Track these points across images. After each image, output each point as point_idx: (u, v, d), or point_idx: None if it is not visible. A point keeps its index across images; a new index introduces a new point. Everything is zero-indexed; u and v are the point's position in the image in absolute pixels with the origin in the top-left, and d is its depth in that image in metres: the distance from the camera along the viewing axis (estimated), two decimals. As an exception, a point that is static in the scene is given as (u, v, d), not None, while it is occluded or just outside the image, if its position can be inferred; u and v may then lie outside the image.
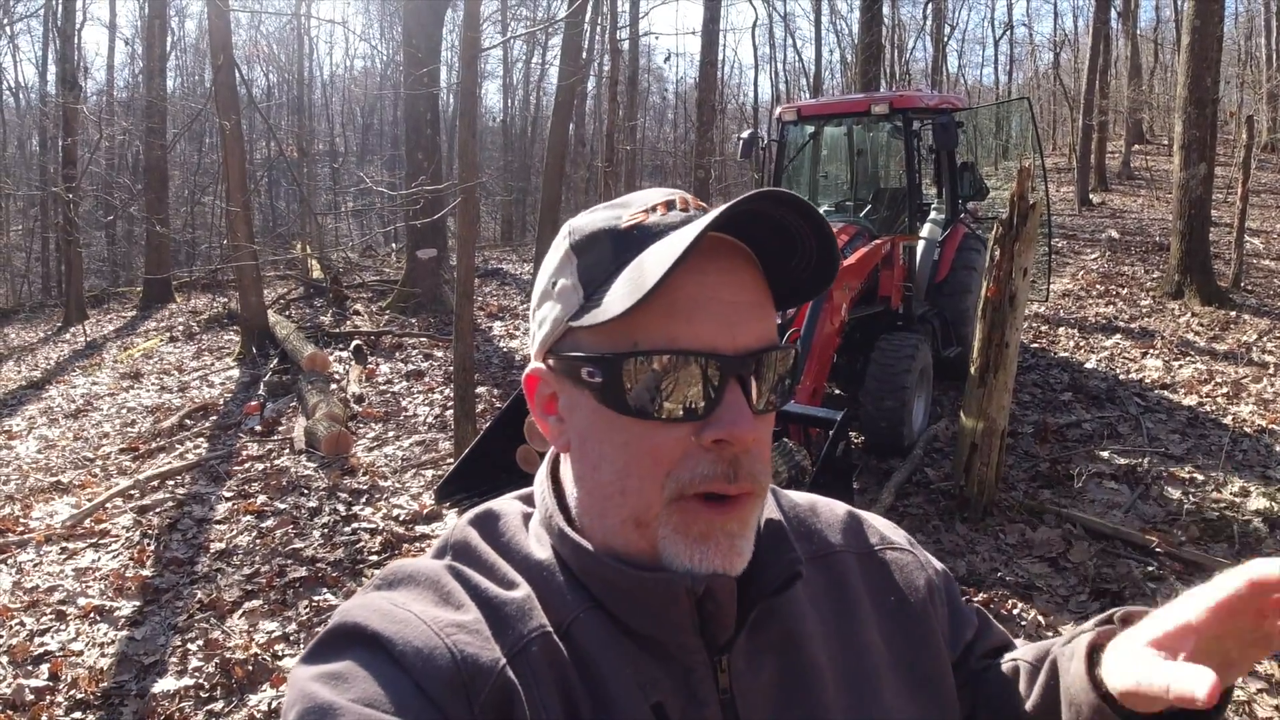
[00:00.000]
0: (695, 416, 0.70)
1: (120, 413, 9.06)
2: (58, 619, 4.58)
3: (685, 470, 0.70)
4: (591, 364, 0.71)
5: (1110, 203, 18.93)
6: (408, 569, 0.77)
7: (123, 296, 18.63)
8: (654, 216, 0.74)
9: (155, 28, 17.36)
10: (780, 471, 4.36)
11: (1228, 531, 4.82)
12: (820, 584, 0.84)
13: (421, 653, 0.67)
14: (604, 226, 0.75)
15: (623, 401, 0.70)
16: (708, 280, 0.70)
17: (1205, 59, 10.11)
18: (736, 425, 0.69)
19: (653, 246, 0.70)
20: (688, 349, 0.69)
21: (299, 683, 0.67)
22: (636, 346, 0.69)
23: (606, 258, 0.73)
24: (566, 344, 0.75)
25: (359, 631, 0.69)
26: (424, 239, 11.85)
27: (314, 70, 36.26)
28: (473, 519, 0.82)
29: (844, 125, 8.12)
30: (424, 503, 5.68)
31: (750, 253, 0.74)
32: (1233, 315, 9.56)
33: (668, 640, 0.73)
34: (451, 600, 0.73)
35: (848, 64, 29.36)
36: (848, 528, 0.91)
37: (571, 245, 0.76)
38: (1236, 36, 29.91)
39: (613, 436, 0.72)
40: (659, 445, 0.70)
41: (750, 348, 0.71)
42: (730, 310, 0.71)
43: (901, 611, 0.86)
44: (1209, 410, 6.81)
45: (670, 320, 0.69)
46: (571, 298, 0.74)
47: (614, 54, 11.90)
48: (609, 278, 0.72)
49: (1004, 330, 4.93)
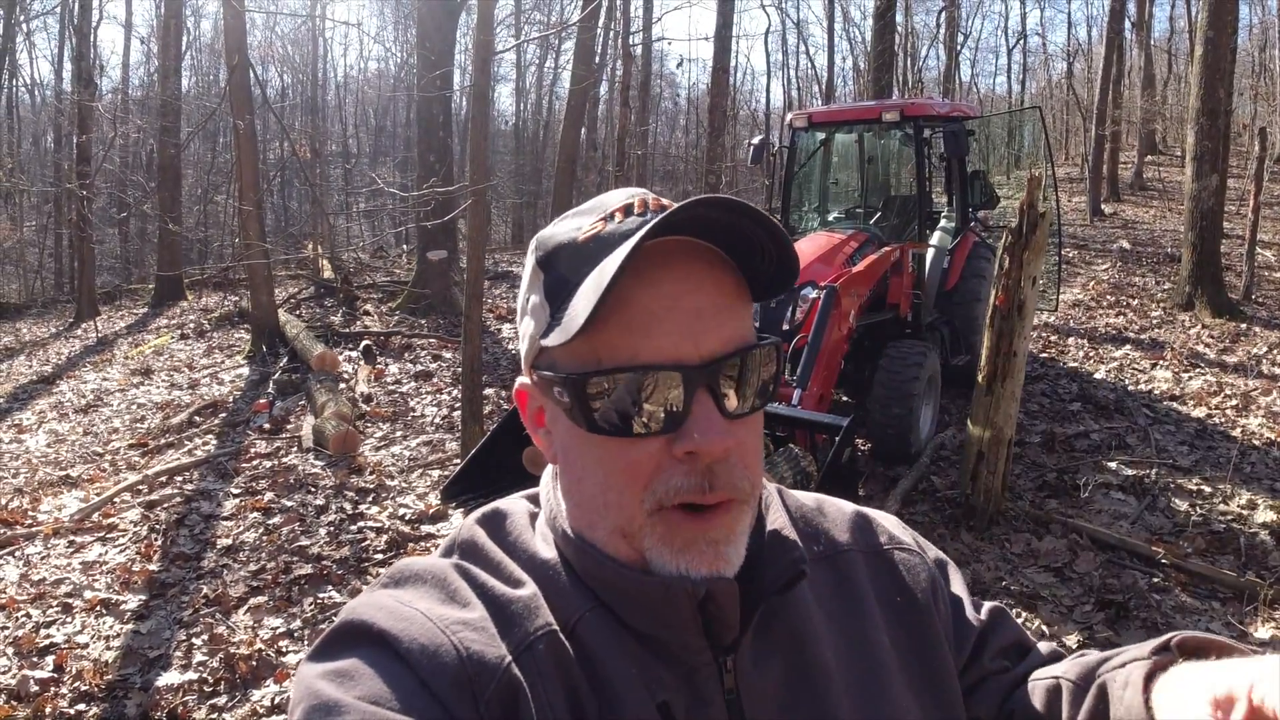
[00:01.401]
0: (666, 429, 0.69)
1: (130, 408, 9.11)
2: (64, 611, 4.60)
3: (661, 484, 0.70)
4: (560, 384, 0.72)
5: (1122, 213, 18.87)
6: (414, 567, 0.77)
7: (134, 293, 18.73)
8: (610, 225, 0.73)
9: (171, 27, 17.47)
10: (785, 477, 4.36)
11: (1235, 544, 4.79)
12: (828, 583, 0.84)
13: (427, 650, 0.68)
14: (564, 240, 0.75)
15: (591, 421, 0.70)
16: (664, 290, 0.69)
17: (1218, 69, 10.09)
18: (705, 436, 0.68)
19: (606, 259, 0.69)
20: (649, 363, 0.68)
21: (305, 680, 0.68)
22: (600, 364, 0.69)
23: (567, 274, 0.73)
24: (543, 362, 0.75)
25: (365, 629, 0.70)
26: (435, 240, 11.89)
27: (328, 71, 36.47)
28: (480, 518, 0.82)
29: (855, 132, 8.12)
30: (430, 503, 5.69)
31: (717, 251, 0.72)
32: (1243, 327, 9.52)
33: (672, 640, 0.73)
34: (457, 598, 0.73)
35: (860, 71, 29.38)
36: (855, 526, 0.90)
37: (537, 261, 0.76)
38: (1250, 48, 29.79)
39: (589, 452, 0.72)
40: (634, 460, 0.70)
41: (717, 353, 0.70)
42: (691, 318, 0.69)
43: (908, 611, 0.86)
44: (1218, 422, 6.78)
45: (629, 334, 0.68)
46: (541, 315, 0.74)
47: (626, 59, 11.93)
48: (571, 293, 0.71)
49: (1012, 339, 4.93)
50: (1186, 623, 4.07)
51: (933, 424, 6.49)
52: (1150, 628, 4.04)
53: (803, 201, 8.28)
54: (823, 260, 6.30)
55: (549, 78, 34.66)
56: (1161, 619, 4.10)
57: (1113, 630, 4.02)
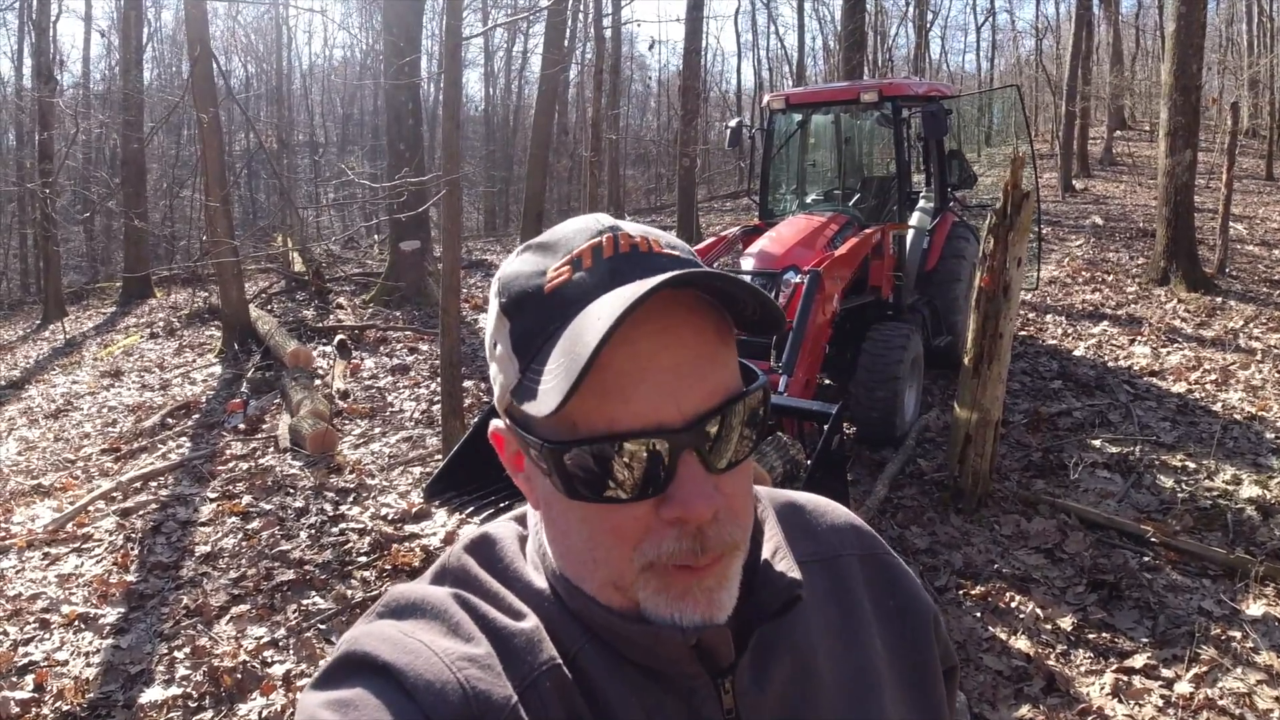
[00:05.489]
0: (651, 495, 0.66)
1: (101, 412, 8.92)
2: (41, 628, 4.48)
3: (651, 546, 0.67)
4: (535, 449, 0.68)
5: (1093, 189, 18.99)
6: (412, 596, 0.75)
7: (102, 292, 18.38)
8: (578, 274, 0.68)
9: (130, 19, 17.04)
10: (775, 467, 4.31)
11: (1221, 520, 4.81)
12: (823, 587, 0.82)
13: (433, 686, 0.66)
14: (528, 287, 0.70)
15: (571, 489, 0.67)
16: (640, 349, 0.64)
17: (1190, 44, 10.12)
18: (692, 503, 0.65)
19: (574, 323, 0.65)
20: (629, 430, 0.64)
21: (308, 709, 0.67)
22: (576, 432, 0.65)
23: (535, 328, 0.68)
24: (516, 416, 0.71)
25: (369, 661, 0.69)
26: (407, 231, 11.72)
27: (293, 60, 35.88)
28: (468, 545, 0.79)
29: (832, 114, 8.06)
30: (412, 501, 5.60)
31: (694, 295, 0.67)
32: (1218, 301, 9.59)
33: (669, 669, 0.71)
34: (460, 632, 0.71)
35: (830, 51, 29.33)
36: (849, 529, 0.89)
37: (501, 307, 0.72)
38: (1218, 23, 30.04)
39: (572, 512, 0.69)
40: (620, 524, 0.67)
41: (701, 411, 0.66)
42: (671, 377, 0.65)
43: (900, 615, 0.86)
44: (1198, 397, 6.81)
45: (605, 402, 0.64)
46: (509, 368, 0.70)
47: (599, 41, 11.77)
48: (538, 352, 0.67)
49: (998, 321, 4.90)
50: (1179, 602, 4.08)
51: (917, 406, 6.47)
52: (1143, 608, 4.04)
53: (780, 184, 8.23)
54: (804, 244, 6.24)
55: (518, 62, 34.38)
56: (1154, 598, 4.10)
57: (1106, 611, 4.02)
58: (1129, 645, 3.79)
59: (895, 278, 6.82)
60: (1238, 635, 3.81)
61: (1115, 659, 3.70)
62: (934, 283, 7.36)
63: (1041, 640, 3.85)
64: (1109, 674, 3.58)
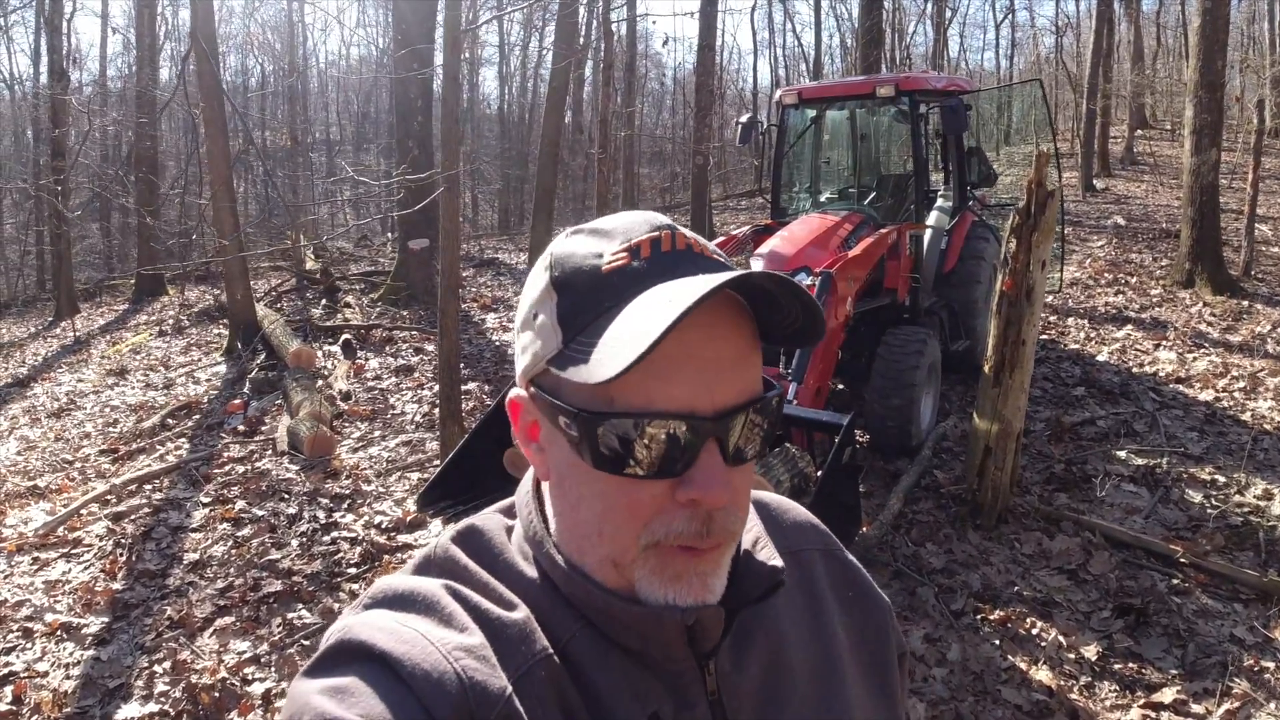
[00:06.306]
0: (671, 475, 0.68)
1: (103, 411, 8.82)
2: (24, 637, 4.35)
3: (661, 525, 0.69)
4: (567, 415, 0.70)
5: (1114, 188, 18.63)
6: (401, 587, 0.74)
7: (116, 289, 18.36)
8: (637, 262, 0.71)
9: (145, 17, 17.01)
10: (783, 480, 4.11)
11: (1253, 539, 4.56)
12: (792, 579, 0.85)
13: (430, 676, 0.66)
14: (585, 266, 0.72)
15: (598, 458, 0.68)
16: (687, 337, 0.66)
17: (1216, 41, 9.82)
18: (710, 488, 0.68)
19: (635, 303, 0.68)
20: (664, 411, 0.67)
21: (302, 696, 0.66)
22: (613, 405, 0.68)
23: (586, 303, 0.70)
24: (546, 382, 0.73)
25: (365, 649, 0.68)
26: (416, 229, 11.56)
27: (309, 58, 35.88)
28: (455, 536, 0.80)
29: (846, 109, 7.81)
30: (407, 509, 5.42)
31: (736, 298, 0.71)
32: (1245, 305, 9.29)
33: (657, 653, 0.73)
34: (454, 622, 0.71)
35: (848, 49, 29.02)
36: (811, 526, 0.94)
37: (552, 280, 0.73)
38: (1239, 22, 29.55)
39: (590, 484, 0.71)
40: (635, 500, 0.69)
41: (729, 405, 0.69)
42: (710, 368, 0.68)
43: (858, 604, 0.90)
44: (1226, 406, 6.55)
45: (648, 380, 0.67)
46: (550, 337, 0.71)
47: (607, 35, 11.58)
48: (588, 325, 0.69)
49: (1020, 327, 4.66)
50: (1210, 629, 3.84)
51: (933, 414, 6.22)
52: (1172, 635, 3.81)
53: (794, 182, 7.99)
54: (817, 244, 6.01)
55: (533, 60, 34.22)
56: (1183, 624, 3.86)
57: (1132, 639, 3.79)
58: (1157, 677, 3.56)
59: (912, 279, 6.57)
60: (1270, 666, 3.58)
61: (1143, 692, 3.46)
62: (952, 285, 7.11)
63: (1064, 671, 3.61)
64: (1135, 709, 3.35)
